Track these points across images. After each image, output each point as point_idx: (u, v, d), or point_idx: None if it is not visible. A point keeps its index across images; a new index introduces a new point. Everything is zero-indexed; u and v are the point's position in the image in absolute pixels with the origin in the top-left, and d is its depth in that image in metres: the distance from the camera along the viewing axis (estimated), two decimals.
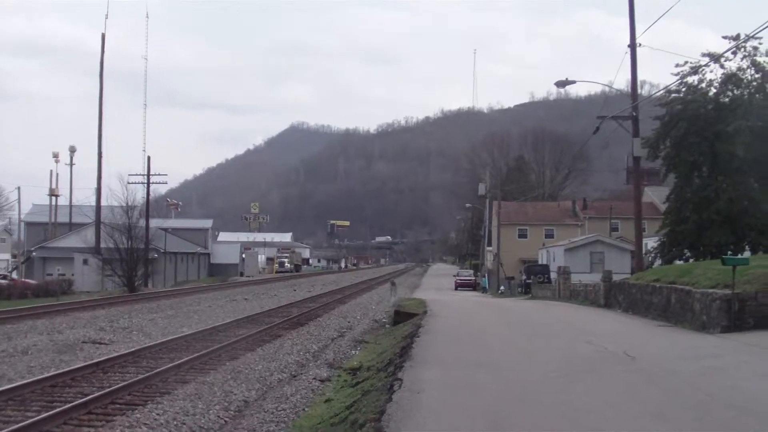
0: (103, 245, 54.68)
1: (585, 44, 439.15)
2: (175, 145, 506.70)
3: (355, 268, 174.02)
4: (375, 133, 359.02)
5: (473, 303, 35.77)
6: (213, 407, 13.14)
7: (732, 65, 32.64)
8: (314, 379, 16.46)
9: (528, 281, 53.05)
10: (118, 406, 12.93)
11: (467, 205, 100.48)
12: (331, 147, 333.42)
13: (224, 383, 15.29)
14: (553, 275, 50.25)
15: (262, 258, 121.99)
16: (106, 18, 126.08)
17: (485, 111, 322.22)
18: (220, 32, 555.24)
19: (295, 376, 17.14)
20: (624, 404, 8.54)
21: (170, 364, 16.89)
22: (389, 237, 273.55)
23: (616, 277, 28.97)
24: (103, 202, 60.95)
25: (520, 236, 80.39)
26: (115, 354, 18.87)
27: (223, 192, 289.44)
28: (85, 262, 58.87)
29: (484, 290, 65.57)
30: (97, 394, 13.26)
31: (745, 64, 32.44)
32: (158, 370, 16.10)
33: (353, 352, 21.64)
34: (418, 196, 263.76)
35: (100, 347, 21.53)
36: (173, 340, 22.03)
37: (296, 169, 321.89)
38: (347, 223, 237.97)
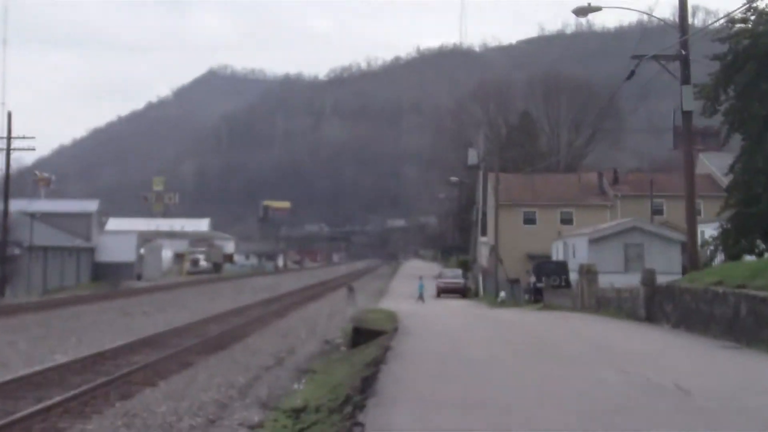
0: None
1: None
2: (46, 97, 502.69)
3: (298, 267, 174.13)
4: (325, 80, 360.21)
5: (462, 315, 35.82)
6: None
7: None
8: (240, 425, 16.41)
9: (538, 285, 53.29)
10: None
11: (453, 179, 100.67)
12: (264, 100, 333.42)
13: None
14: (573, 276, 50.47)
15: (168, 254, 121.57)
16: None
17: (477, 49, 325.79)
18: None
19: (213, 422, 17.04)
20: None
21: (33, 408, 16.67)
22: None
23: (661, 279, 29.03)
24: None
25: (526, 222, 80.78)
26: None
27: (115, 162, 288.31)
28: None
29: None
30: None
31: None
32: (16, 416, 15.83)
33: (296, 385, 21.62)
34: (386, 169, 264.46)
35: None
36: (40, 372, 21.89)
37: (217, 130, 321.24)
38: (287, 204, 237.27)
